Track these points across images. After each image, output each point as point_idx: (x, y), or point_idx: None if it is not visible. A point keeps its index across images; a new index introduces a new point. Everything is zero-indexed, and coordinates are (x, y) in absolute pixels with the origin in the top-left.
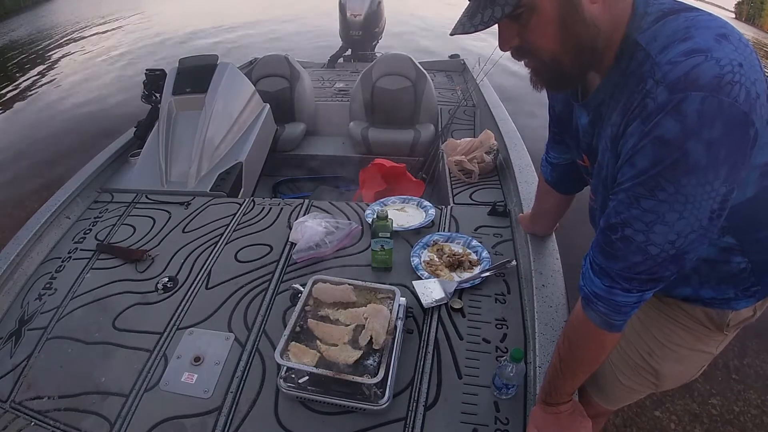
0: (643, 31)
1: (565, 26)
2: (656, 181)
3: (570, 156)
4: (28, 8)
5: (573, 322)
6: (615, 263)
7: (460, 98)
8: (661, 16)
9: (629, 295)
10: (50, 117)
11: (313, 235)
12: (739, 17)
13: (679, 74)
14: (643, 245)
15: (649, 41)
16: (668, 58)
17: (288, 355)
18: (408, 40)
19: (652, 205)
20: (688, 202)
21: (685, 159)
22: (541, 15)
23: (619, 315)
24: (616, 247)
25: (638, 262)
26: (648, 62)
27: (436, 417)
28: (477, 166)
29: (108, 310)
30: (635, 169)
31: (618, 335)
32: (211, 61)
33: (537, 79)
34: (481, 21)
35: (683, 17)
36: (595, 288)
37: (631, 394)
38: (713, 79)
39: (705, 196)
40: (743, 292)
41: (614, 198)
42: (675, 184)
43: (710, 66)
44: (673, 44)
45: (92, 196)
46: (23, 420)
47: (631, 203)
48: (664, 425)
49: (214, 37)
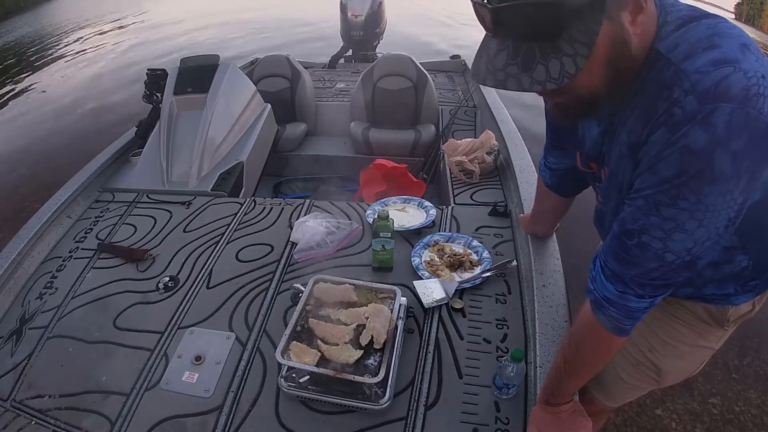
0: (663, 39)
1: (613, 64)
2: (679, 190)
3: (569, 161)
4: (28, 8)
5: (581, 325)
6: (630, 269)
7: (461, 99)
8: (681, 23)
9: (642, 300)
10: (50, 117)
11: (314, 235)
12: (738, 18)
13: (709, 85)
14: (660, 252)
15: (669, 49)
16: (695, 67)
17: (289, 354)
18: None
19: (672, 214)
20: (708, 210)
21: (710, 169)
22: (593, 56)
23: (629, 320)
24: (632, 253)
25: (653, 269)
26: (670, 69)
27: (437, 417)
28: (478, 166)
29: (109, 309)
30: (658, 177)
31: (626, 339)
32: (212, 61)
33: (561, 114)
34: (548, 77)
35: (704, 24)
36: (607, 293)
37: (633, 391)
38: (741, 91)
39: (725, 205)
40: (742, 287)
41: (631, 204)
42: (698, 194)
43: (739, 78)
44: (697, 52)
45: (93, 196)
46: (24, 419)
47: (650, 210)
48: (664, 424)
49: (214, 38)
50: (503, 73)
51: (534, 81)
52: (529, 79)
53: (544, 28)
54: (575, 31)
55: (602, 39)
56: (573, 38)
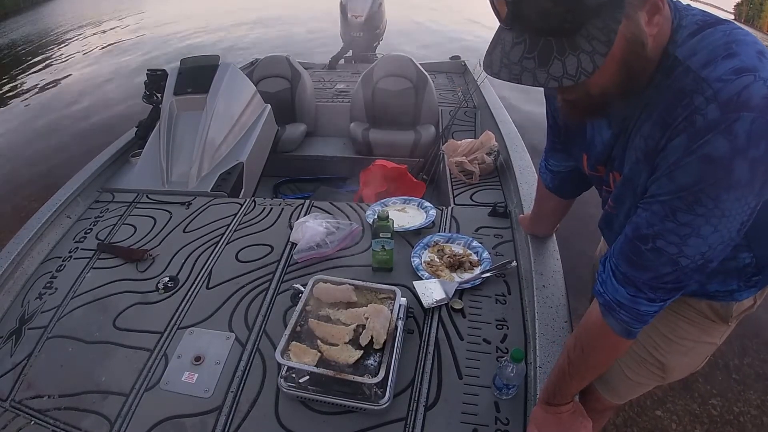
0: (680, 45)
1: (628, 65)
2: (696, 197)
3: (571, 164)
4: (28, 8)
5: (588, 327)
6: (643, 273)
7: (461, 99)
8: (697, 30)
9: (653, 304)
10: (49, 116)
11: (314, 236)
12: (738, 18)
13: (732, 94)
14: (674, 257)
15: (687, 55)
16: (717, 75)
17: (289, 354)
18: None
19: (689, 219)
20: (724, 216)
21: (728, 176)
22: (610, 56)
23: (639, 323)
24: (645, 258)
25: (667, 273)
26: (690, 77)
27: (437, 417)
28: (477, 167)
29: (108, 309)
30: (675, 184)
31: (632, 341)
32: (212, 61)
33: (572, 111)
34: (565, 73)
35: (720, 31)
36: (619, 296)
37: (638, 388)
38: (762, 100)
39: (740, 210)
40: (746, 283)
41: (646, 209)
42: (715, 200)
43: (759, 87)
44: (717, 60)
45: (93, 196)
46: (23, 419)
47: (666, 216)
48: (665, 425)
49: (215, 37)
50: (519, 66)
51: (550, 77)
52: (545, 75)
53: (563, 23)
54: (594, 29)
55: (619, 38)
56: (591, 35)
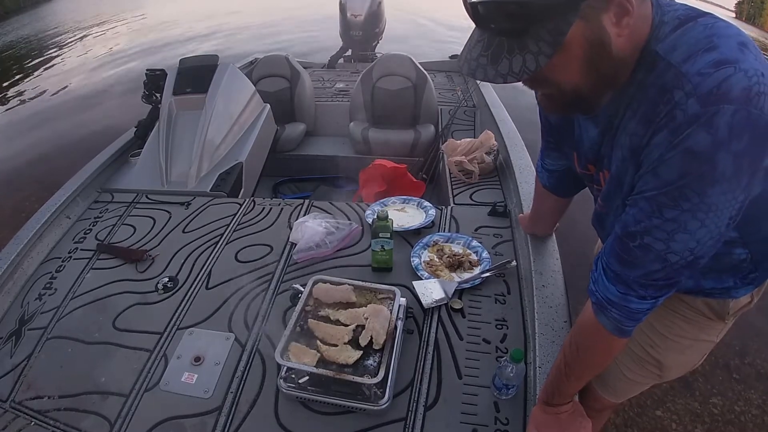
0: (661, 40)
1: (592, 64)
2: (681, 192)
3: (566, 162)
4: (28, 8)
5: (582, 327)
6: (632, 271)
7: (461, 99)
8: (678, 24)
9: (644, 302)
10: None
11: (314, 236)
12: (739, 17)
13: (711, 87)
14: (662, 253)
15: (668, 51)
16: (697, 69)
17: (288, 355)
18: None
19: (675, 215)
20: (710, 210)
21: (712, 170)
22: (566, 53)
23: (631, 321)
24: (634, 255)
25: (656, 270)
26: (671, 72)
27: (436, 417)
28: (477, 166)
29: (108, 310)
30: (660, 180)
31: (626, 340)
32: (211, 61)
33: (550, 104)
34: (510, 71)
35: (701, 25)
36: (609, 294)
37: (635, 387)
38: (743, 92)
39: (726, 204)
40: (742, 280)
41: (633, 206)
42: (700, 195)
43: (739, 78)
44: (697, 54)
45: (92, 196)
46: (23, 420)
47: (652, 212)
48: (665, 425)
49: (215, 38)
50: (475, 62)
51: (498, 73)
52: (494, 72)
53: (513, 24)
54: (543, 31)
55: (577, 39)
56: (539, 37)
